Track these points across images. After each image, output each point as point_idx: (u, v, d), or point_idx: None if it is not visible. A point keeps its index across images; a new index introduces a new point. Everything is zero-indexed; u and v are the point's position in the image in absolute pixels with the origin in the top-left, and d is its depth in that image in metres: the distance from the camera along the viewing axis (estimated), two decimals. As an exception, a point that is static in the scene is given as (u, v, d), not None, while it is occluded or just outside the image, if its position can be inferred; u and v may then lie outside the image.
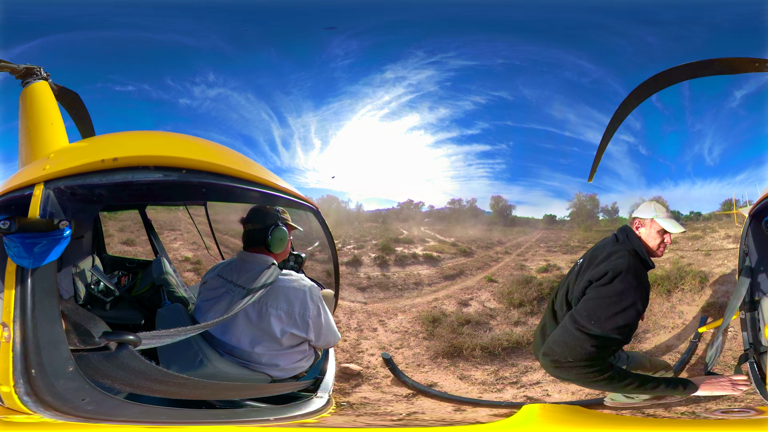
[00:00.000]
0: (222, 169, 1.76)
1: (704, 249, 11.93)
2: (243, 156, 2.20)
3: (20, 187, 1.60)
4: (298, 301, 2.36)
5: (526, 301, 8.37)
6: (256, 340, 2.33)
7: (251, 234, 2.53)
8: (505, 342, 6.32)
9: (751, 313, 2.63)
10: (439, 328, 7.17)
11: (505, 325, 7.58)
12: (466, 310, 8.59)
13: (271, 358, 2.37)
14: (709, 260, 10.41)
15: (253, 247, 2.53)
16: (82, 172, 1.57)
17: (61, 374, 1.33)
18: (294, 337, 2.40)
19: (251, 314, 2.33)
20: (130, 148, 1.70)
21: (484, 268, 12.48)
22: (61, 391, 1.29)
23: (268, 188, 2.04)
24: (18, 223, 1.44)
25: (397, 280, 10.94)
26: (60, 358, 1.36)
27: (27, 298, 1.38)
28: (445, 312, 8.15)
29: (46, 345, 1.36)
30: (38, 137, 2.38)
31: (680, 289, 8.06)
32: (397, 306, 9.01)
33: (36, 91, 2.80)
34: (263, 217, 2.54)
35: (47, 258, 1.46)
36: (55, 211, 1.53)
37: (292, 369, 2.48)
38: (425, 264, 12.64)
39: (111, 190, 1.68)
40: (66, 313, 1.59)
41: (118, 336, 1.61)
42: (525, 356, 6.19)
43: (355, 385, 5.20)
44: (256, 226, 2.52)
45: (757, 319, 2.60)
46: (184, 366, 2.22)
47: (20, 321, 1.35)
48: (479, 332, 7.19)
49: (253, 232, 2.52)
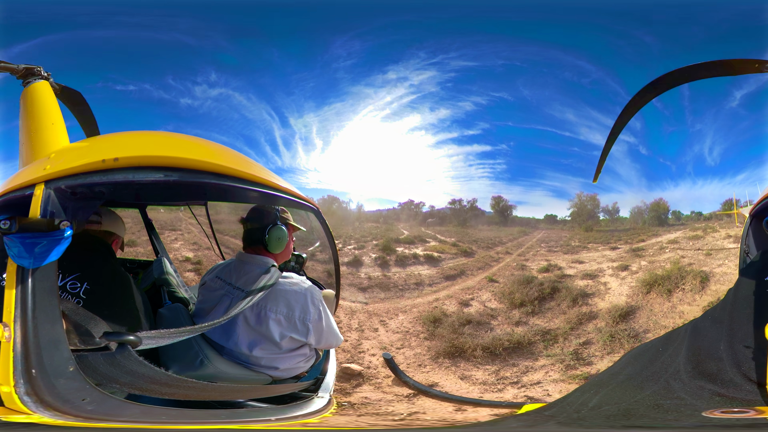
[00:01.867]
0: (222, 169, 1.75)
1: (705, 248, 11.92)
2: (243, 156, 2.19)
3: (21, 187, 1.60)
4: (299, 305, 2.33)
5: (527, 301, 8.39)
6: (254, 343, 2.32)
7: (250, 233, 2.49)
8: (506, 342, 6.33)
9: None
10: (440, 329, 7.18)
11: (507, 325, 7.60)
12: (467, 310, 8.60)
13: (270, 361, 2.36)
14: (710, 260, 10.41)
15: (251, 247, 2.50)
16: (82, 172, 1.58)
17: (62, 374, 1.32)
18: (294, 341, 2.38)
19: (250, 317, 2.31)
20: (130, 148, 1.70)
21: (485, 268, 12.49)
22: (62, 391, 1.28)
23: (269, 188, 2.04)
24: (19, 223, 1.44)
25: (398, 281, 10.96)
26: (61, 358, 1.36)
27: (27, 298, 1.38)
28: (446, 312, 8.17)
29: (46, 345, 1.35)
30: (39, 137, 2.38)
31: (681, 289, 8.06)
32: (398, 306, 9.03)
33: (37, 91, 2.79)
34: (261, 216, 2.50)
35: (48, 258, 1.46)
36: (56, 211, 1.53)
37: (292, 370, 2.47)
38: (426, 264, 12.66)
39: (112, 190, 1.69)
40: (66, 313, 1.59)
41: (118, 336, 1.60)
42: (526, 356, 6.20)
43: (356, 385, 5.20)
44: (254, 225, 2.48)
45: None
46: (185, 366, 2.21)
47: (21, 321, 1.35)
48: (480, 332, 7.21)
49: (252, 231, 2.48)
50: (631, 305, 7.83)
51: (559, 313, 7.99)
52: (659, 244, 14.39)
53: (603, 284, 9.76)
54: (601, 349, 6.22)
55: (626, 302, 8.14)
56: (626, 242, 16.29)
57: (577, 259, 13.05)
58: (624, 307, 7.61)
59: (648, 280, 8.58)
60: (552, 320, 7.74)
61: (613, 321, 7.13)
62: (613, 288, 9.37)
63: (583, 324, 7.28)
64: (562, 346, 6.50)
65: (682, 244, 13.61)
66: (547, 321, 7.74)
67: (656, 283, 8.33)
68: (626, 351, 5.96)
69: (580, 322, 7.33)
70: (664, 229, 19.16)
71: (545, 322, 7.66)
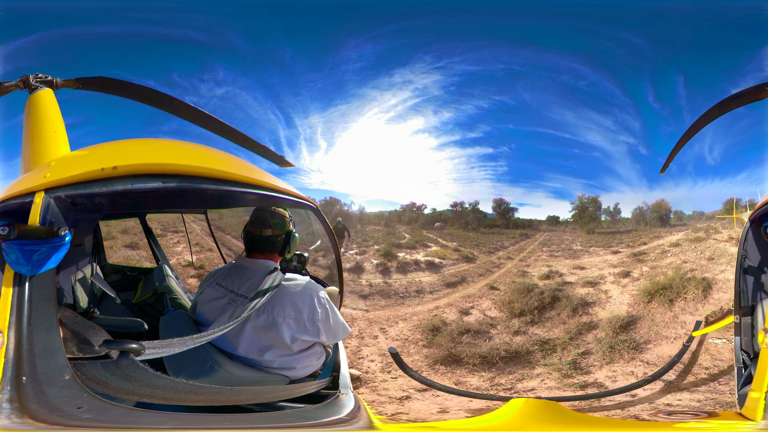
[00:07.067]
0: (220, 174, 1.75)
1: (707, 252, 11.82)
2: (241, 159, 2.20)
3: (21, 194, 1.61)
4: (306, 307, 2.29)
5: (527, 310, 8.35)
6: (265, 347, 2.27)
7: (269, 240, 2.42)
8: (503, 352, 6.32)
9: (746, 318, 2.60)
10: (438, 337, 7.19)
11: (506, 334, 7.57)
12: (466, 318, 8.58)
13: (285, 363, 2.32)
14: (713, 265, 10.31)
15: (261, 252, 2.44)
16: (82, 181, 1.59)
17: (56, 382, 1.32)
18: (305, 342, 2.35)
19: (258, 323, 2.26)
20: (129, 156, 1.71)
21: (486, 274, 12.45)
22: (53, 399, 1.27)
23: (269, 190, 2.04)
24: (17, 230, 1.44)
25: (399, 288, 10.93)
26: (56, 366, 1.35)
27: (24, 305, 1.38)
28: (445, 321, 8.16)
29: (41, 352, 1.35)
30: (40, 144, 2.41)
31: (683, 298, 8.00)
32: (398, 314, 9.01)
33: (41, 99, 2.82)
34: (283, 223, 2.45)
35: (46, 265, 1.46)
36: (55, 219, 1.53)
37: (307, 368, 2.43)
38: (427, 270, 12.61)
39: (111, 199, 1.70)
40: (64, 321, 1.58)
41: (120, 345, 1.59)
42: (523, 365, 6.20)
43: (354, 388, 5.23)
44: (276, 232, 2.43)
45: (752, 325, 2.57)
46: (194, 373, 2.17)
47: (15, 327, 1.35)
48: (479, 341, 7.20)
49: (273, 238, 2.42)
50: (632, 315, 7.80)
51: (559, 322, 7.96)
52: (661, 248, 14.27)
53: (604, 292, 9.71)
54: (600, 359, 6.19)
55: (627, 312, 8.10)
56: (628, 245, 16.21)
57: (579, 265, 13.00)
58: (625, 317, 7.57)
59: (649, 289, 8.52)
60: (551, 330, 7.71)
61: (613, 332, 7.09)
62: (614, 296, 9.32)
63: (582, 334, 7.26)
64: (560, 355, 6.49)
65: (684, 247, 13.52)
66: (547, 331, 7.71)
67: (657, 292, 8.29)
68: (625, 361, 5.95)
69: (580, 333, 7.30)
70: (665, 230, 19.03)
71: (545, 332, 7.63)
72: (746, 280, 2.60)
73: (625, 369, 5.78)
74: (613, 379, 5.47)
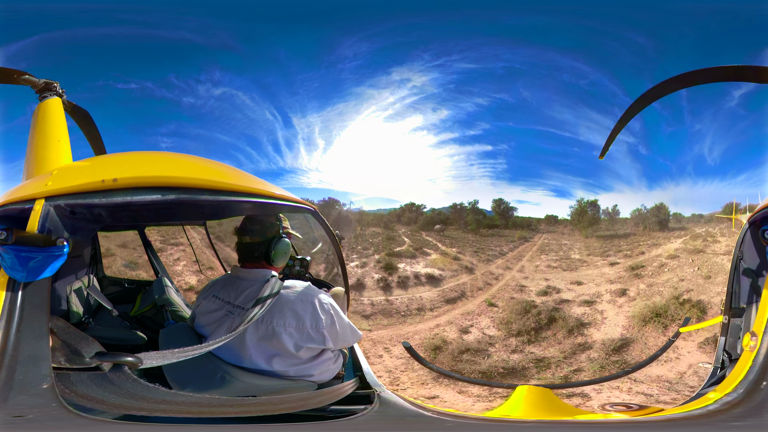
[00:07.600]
0: (218, 185, 1.77)
1: (704, 269, 11.68)
2: (237, 169, 2.21)
3: (21, 200, 1.62)
4: (308, 315, 2.19)
5: (524, 330, 8.47)
6: (271, 356, 2.18)
7: (250, 247, 2.33)
8: (501, 369, 6.48)
9: (735, 320, 2.56)
10: (440, 356, 7.38)
11: (503, 352, 7.65)
12: (466, 337, 8.65)
13: (300, 371, 2.22)
14: (709, 285, 10.22)
15: (251, 262, 2.34)
16: (82, 191, 1.60)
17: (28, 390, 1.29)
18: (312, 350, 2.23)
19: (258, 333, 2.17)
20: (129, 168, 1.73)
21: (485, 288, 12.45)
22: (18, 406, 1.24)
23: (266, 198, 2.03)
24: (15, 235, 1.43)
25: (400, 306, 10.93)
26: (37, 375, 1.32)
27: (15, 311, 1.38)
28: (446, 339, 8.28)
29: (25, 360, 1.33)
30: (44, 153, 2.43)
31: (677, 324, 7.98)
32: (400, 333, 9.07)
33: (49, 107, 2.85)
34: (263, 229, 2.33)
35: (41, 273, 1.46)
36: (54, 227, 1.54)
37: (326, 372, 2.33)
38: (427, 284, 12.59)
39: (110, 210, 1.71)
40: (56, 331, 1.54)
41: (114, 357, 1.54)
42: (518, 378, 6.58)
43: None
44: (255, 239, 2.32)
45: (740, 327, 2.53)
46: (202, 385, 2.08)
47: (3, 333, 1.34)
48: (478, 359, 7.33)
49: (252, 245, 2.32)
50: (625, 337, 7.90)
51: (555, 342, 8.09)
52: (659, 261, 14.19)
53: (600, 312, 9.75)
54: (589, 376, 6.43)
55: (621, 334, 8.21)
56: (626, 255, 16.15)
57: (576, 280, 13.00)
58: (618, 339, 7.72)
59: (644, 315, 8.59)
60: (547, 349, 7.83)
61: (606, 354, 7.27)
62: (610, 317, 9.36)
63: (576, 354, 7.42)
64: (553, 371, 6.72)
65: (682, 260, 13.43)
66: (543, 349, 7.82)
67: (652, 319, 8.33)
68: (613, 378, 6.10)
69: (574, 353, 7.46)
70: (664, 236, 18.94)
71: (541, 350, 7.75)
72: (740, 282, 2.58)
73: (612, 384, 5.98)
74: (598, 392, 5.66)
